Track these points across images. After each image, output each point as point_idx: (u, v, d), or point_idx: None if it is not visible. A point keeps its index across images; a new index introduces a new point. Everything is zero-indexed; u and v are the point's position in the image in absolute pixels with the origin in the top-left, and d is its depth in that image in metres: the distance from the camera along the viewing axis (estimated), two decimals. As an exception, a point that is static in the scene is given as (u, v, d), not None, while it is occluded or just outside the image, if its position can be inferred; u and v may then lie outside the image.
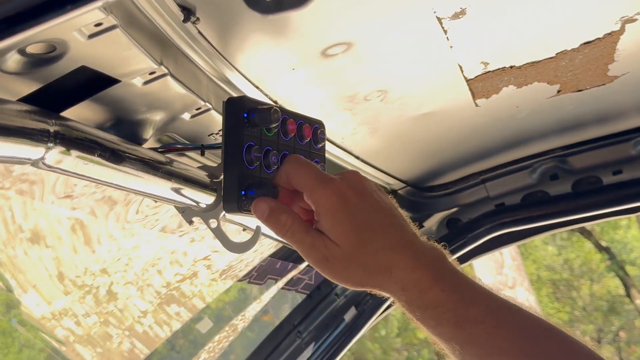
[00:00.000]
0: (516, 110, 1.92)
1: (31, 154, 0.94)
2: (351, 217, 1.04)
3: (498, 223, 2.28)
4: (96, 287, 3.79)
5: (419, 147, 2.04)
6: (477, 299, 1.03)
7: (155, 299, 3.44)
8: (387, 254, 1.02)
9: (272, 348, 2.45)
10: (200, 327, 2.68)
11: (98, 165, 1.10)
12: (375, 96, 1.65)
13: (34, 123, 0.94)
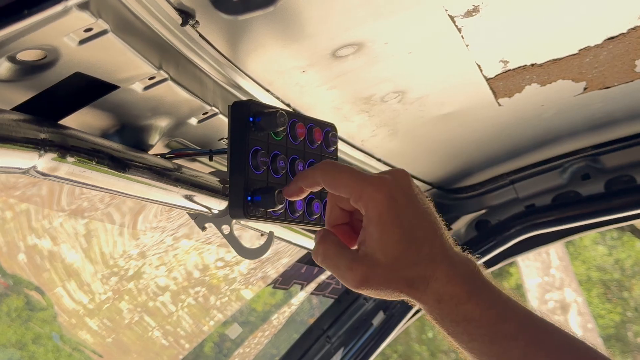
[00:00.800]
0: (542, 109, 1.87)
1: (22, 163, 0.93)
2: (399, 225, 0.98)
3: (529, 225, 2.23)
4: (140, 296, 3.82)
5: (443, 149, 2.00)
6: (511, 314, 0.99)
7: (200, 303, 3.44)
8: (427, 265, 0.98)
9: (302, 353, 2.43)
10: (230, 333, 2.68)
11: (97, 172, 1.09)
12: (392, 97, 1.61)
13: (24, 131, 0.93)
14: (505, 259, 2.34)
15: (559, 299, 11.76)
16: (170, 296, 3.66)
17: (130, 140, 1.23)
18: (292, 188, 1.13)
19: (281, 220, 1.29)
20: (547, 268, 11.80)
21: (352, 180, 1.02)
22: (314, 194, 1.34)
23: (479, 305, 0.97)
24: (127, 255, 3.23)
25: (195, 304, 3.55)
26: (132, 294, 3.92)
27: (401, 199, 1.00)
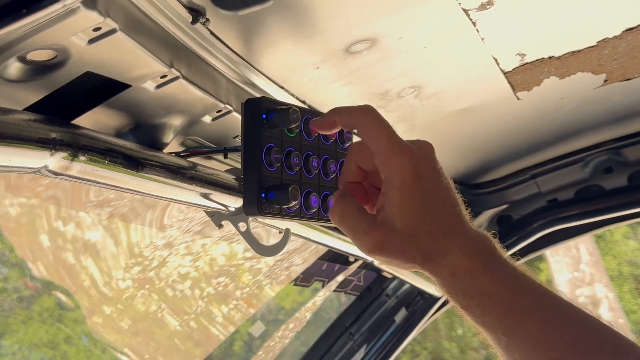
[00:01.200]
0: (562, 102, 1.86)
1: (33, 162, 0.94)
2: (421, 196, 0.96)
3: (551, 219, 2.21)
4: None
5: (463, 144, 1.98)
6: (526, 289, 0.98)
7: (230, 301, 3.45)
8: (444, 238, 0.97)
9: (325, 350, 2.43)
10: (254, 330, 2.69)
11: (111, 170, 1.09)
12: (409, 92, 1.61)
13: (35, 131, 0.94)
14: (529, 254, 2.32)
15: (590, 295, 11.65)
16: (198, 294, 3.67)
17: (145, 139, 1.24)
18: (325, 120, 1.06)
19: (296, 217, 1.29)
20: (577, 263, 11.70)
21: (386, 138, 0.99)
22: (328, 189, 1.34)
23: (494, 279, 0.96)
24: (154, 250, 3.25)
25: (223, 300, 3.56)
26: (159, 292, 3.94)
27: (426, 170, 0.98)
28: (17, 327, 16.47)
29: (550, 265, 13.27)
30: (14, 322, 16.48)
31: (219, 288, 3.49)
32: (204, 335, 4.12)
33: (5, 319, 16.21)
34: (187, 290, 3.66)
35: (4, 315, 16.06)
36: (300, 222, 1.54)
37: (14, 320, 16.41)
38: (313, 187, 1.31)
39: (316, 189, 1.32)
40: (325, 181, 1.34)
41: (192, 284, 3.59)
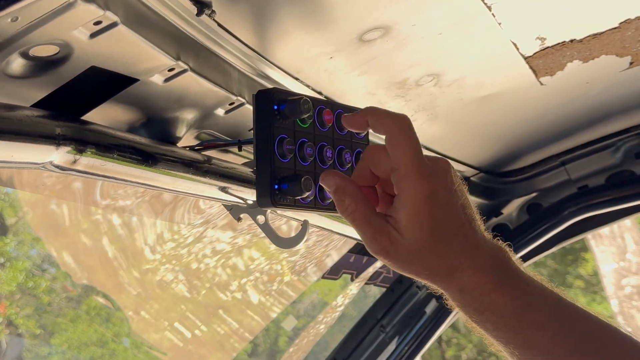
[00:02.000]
0: (587, 86, 1.82)
1: (37, 158, 0.95)
2: (433, 218, 0.96)
3: (582, 206, 2.17)
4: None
5: (488, 131, 1.96)
6: (539, 303, 0.97)
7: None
8: (454, 257, 0.96)
9: (357, 342, 2.43)
10: (286, 325, 2.69)
11: (121, 165, 1.10)
12: (427, 80, 1.59)
13: (40, 126, 0.95)
14: (560, 242, 2.29)
15: (636, 284, 11.47)
16: (234, 292, 3.69)
17: (158, 133, 1.24)
18: (356, 118, 1.05)
19: (311, 208, 1.28)
20: (623, 253, 11.52)
21: (410, 156, 0.97)
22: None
23: (504, 295, 0.95)
24: (195, 252, 3.27)
25: (265, 298, 3.57)
26: (198, 291, 3.97)
27: (441, 192, 0.96)
28: (66, 326, 16.79)
29: (595, 256, 13.09)
30: (62, 322, 16.79)
31: (260, 285, 3.50)
32: (246, 330, 4.14)
33: (55, 318, 16.54)
34: (225, 287, 3.68)
35: (53, 315, 16.39)
36: (315, 213, 1.54)
37: (62, 320, 16.73)
38: None
39: None
40: (341, 172, 1.33)
41: (236, 281, 3.60)
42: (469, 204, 1.00)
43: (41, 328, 17.66)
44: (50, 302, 17.18)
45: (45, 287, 16.18)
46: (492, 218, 2.25)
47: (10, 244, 15.58)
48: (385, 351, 2.38)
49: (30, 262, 16.56)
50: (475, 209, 1.01)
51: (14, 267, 15.55)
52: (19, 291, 16.20)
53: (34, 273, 16.43)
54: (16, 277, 15.17)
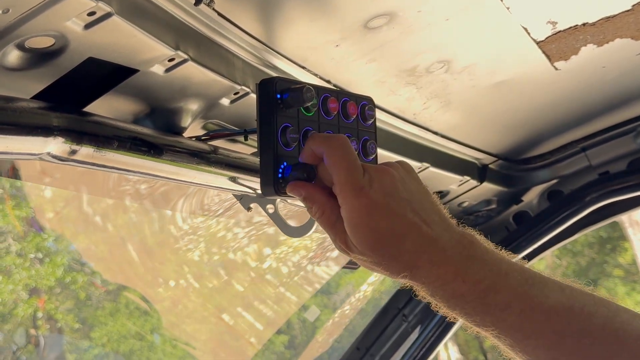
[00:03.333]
0: (603, 70, 1.80)
1: (35, 148, 0.96)
2: (371, 228, 1.02)
3: (604, 192, 2.14)
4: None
5: (505, 118, 1.94)
6: (503, 285, 1.01)
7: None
8: (407, 256, 1.02)
9: (379, 332, 2.43)
10: (309, 315, 2.69)
11: (121, 155, 1.11)
12: (438, 67, 1.58)
13: (38, 118, 0.96)
14: (582, 230, 2.26)
15: (676, 273, 11.32)
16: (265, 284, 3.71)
17: (162, 123, 1.25)
18: (305, 150, 1.13)
19: None
20: (661, 241, 11.35)
21: (344, 175, 1.05)
22: None
23: (466, 282, 1.00)
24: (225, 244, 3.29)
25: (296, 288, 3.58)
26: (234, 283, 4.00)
27: (380, 201, 1.02)
28: (105, 320, 16.97)
29: (633, 244, 12.92)
30: (102, 315, 16.96)
31: (297, 278, 3.51)
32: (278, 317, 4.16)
33: (94, 312, 16.69)
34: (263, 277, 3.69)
35: (92, 309, 16.52)
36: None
37: (102, 313, 16.89)
38: None
39: None
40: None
41: (272, 272, 3.62)
42: (424, 198, 1.06)
43: (80, 322, 17.88)
44: (89, 296, 17.40)
45: (83, 281, 16.40)
46: (512, 206, 2.23)
47: (48, 239, 15.79)
48: (408, 340, 2.38)
49: (70, 256, 16.78)
50: (434, 200, 1.07)
51: (53, 262, 15.76)
52: (58, 286, 16.43)
53: (72, 267, 16.64)
54: (55, 272, 15.39)
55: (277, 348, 21.01)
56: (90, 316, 17.17)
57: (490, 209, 2.24)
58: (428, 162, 1.88)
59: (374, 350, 2.41)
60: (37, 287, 14.99)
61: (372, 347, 2.41)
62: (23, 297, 14.83)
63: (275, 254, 3.36)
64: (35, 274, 14.71)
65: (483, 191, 2.14)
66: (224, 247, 3.47)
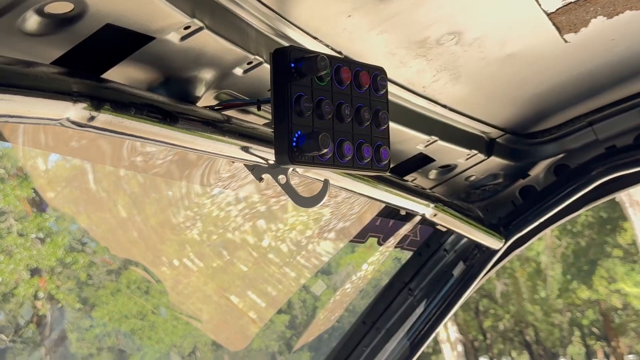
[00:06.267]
0: (612, 43, 1.80)
1: (55, 114, 0.97)
2: None
3: (610, 166, 2.15)
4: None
5: (513, 91, 1.94)
6: None
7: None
8: None
9: (385, 306, 2.44)
10: (315, 289, 2.71)
11: (139, 122, 1.11)
12: (449, 39, 1.58)
13: (58, 83, 0.97)
14: (588, 204, 2.27)
15: (676, 253, 11.37)
16: (268, 261, 3.72)
17: (176, 92, 1.26)
18: None
19: (330, 166, 1.29)
20: (662, 221, 11.39)
21: None
22: (362, 137, 1.34)
23: None
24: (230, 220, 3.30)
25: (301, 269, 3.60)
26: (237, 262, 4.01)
27: None
28: (106, 299, 17.05)
29: (633, 224, 12.95)
30: (103, 294, 17.04)
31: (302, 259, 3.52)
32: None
33: (95, 291, 16.78)
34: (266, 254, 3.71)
35: (94, 288, 16.61)
36: (334, 171, 1.54)
37: (103, 292, 16.97)
38: (346, 135, 1.31)
39: (350, 137, 1.32)
40: (360, 129, 1.34)
41: (273, 250, 3.63)
42: None
43: (82, 302, 17.84)
44: (90, 275, 17.36)
45: (84, 261, 16.36)
46: (519, 180, 2.24)
47: (49, 219, 15.76)
48: (413, 315, 2.39)
49: (71, 236, 16.74)
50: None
51: (54, 243, 15.73)
52: (59, 266, 16.39)
53: (73, 248, 16.60)
54: (56, 252, 15.37)
55: (278, 328, 21.08)
56: (91, 296, 17.26)
57: (497, 183, 2.25)
58: (436, 135, 1.89)
59: (380, 324, 2.43)
60: (38, 267, 15.05)
61: (377, 321, 2.43)
62: (24, 277, 14.88)
63: (274, 233, 3.37)
64: (37, 254, 14.76)
65: (490, 165, 2.15)
66: (225, 227, 3.48)
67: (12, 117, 0.90)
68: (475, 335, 32.80)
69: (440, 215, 2.04)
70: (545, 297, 26.96)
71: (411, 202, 1.93)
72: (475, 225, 2.19)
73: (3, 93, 0.88)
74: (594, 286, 25.15)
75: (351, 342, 2.43)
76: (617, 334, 31.76)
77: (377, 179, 1.73)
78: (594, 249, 24.10)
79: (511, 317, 29.27)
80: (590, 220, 23.77)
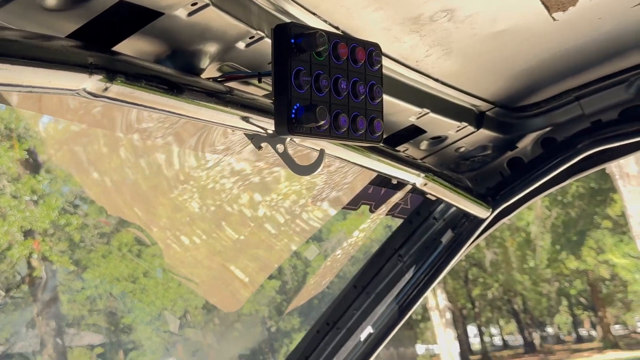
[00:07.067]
0: (599, 22, 1.87)
1: (73, 84, 1.04)
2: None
3: (595, 140, 2.23)
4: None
5: (503, 66, 2.01)
6: None
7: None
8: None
9: (375, 271, 2.53)
10: (308, 254, 2.80)
11: (148, 93, 1.18)
12: (442, 16, 1.65)
13: (75, 56, 1.04)
14: (573, 176, 2.35)
15: (663, 225, 11.49)
16: (262, 225, 3.79)
17: (182, 65, 1.33)
18: None
19: (326, 136, 1.37)
20: (651, 194, 11.50)
21: None
22: (357, 110, 1.42)
23: None
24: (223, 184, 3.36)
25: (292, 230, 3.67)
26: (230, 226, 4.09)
27: None
28: (98, 262, 17.12)
29: (622, 196, 13.08)
30: (95, 257, 17.11)
31: (288, 217, 3.59)
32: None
33: (87, 254, 16.86)
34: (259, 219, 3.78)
35: (86, 250, 16.68)
36: (331, 142, 1.62)
37: (95, 255, 17.04)
38: (342, 107, 1.39)
39: (345, 109, 1.39)
40: (355, 102, 1.42)
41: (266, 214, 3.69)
42: None
43: (74, 264, 17.90)
44: (82, 238, 17.39)
45: (77, 224, 16.39)
46: (507, 152, 2.32)
47: (43, 181, 15.76)
48: (402, 280, 2.48)
49: (63, 199, 16.74)
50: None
51: (47, 205, 15.76)
52: (52, 228, 16.42)
53: (66, 210, 16.61)
54: (49, 215, 15.40)
55: (269, 293, 21.18)
56: (83, 258, 17.35)
57: (486, 155, 2.32)
58: (428, 108, 1.96)
59: (370, 288, 2.51)
60: (32, 229, 15.14)
61: (368, 285, 2.51)
62: (18, 239, 14.97)
63: (267, 201, 3.44)
64: (30, 215, 14.84)
65: (479, 137, 2.22)
66: (220, 197, 3.55)
67: (35, 88, 0.97)
68: (464, 303, 33.14)
69: (431, 184, 2.12)
70: (534, 267, 27.24)
71: (402, 171, 2.01)
72: (464, 194, 2.27)
73: (27, 65, 0.95)
74: (583, 256, 25.41)
75: (342, 305, 2.52)
76: (604, 304, 32.12)
77: (370, 149, 1.81)
78: (584, 220, 24.32)
79: (500, 286, 29.59)
80: (580, 191, 23.94)
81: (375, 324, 2.46)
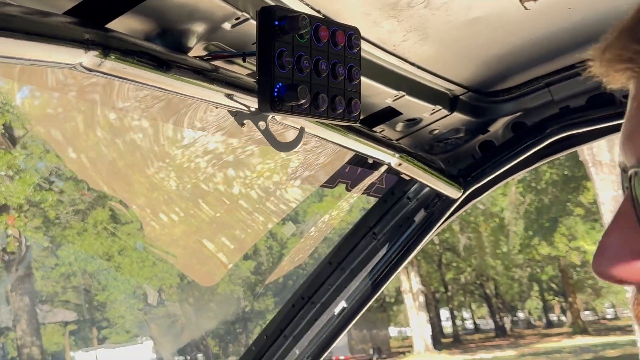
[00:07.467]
0: (569, 12, 1.95)
1: (70, 59, 1.10)
2: None
3: (563, 125, 2.32)
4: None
5: (477, 53, 2.10)
6: None
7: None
8: None
9: (350, 248, 2.61)
10: (285, 230, 2.88)
11: (138, 69, 1.25)
12: (419, 2, 1.72)
13: (72, 32, 1.10)
14: (541, 159, 2.44)
15: (633, 213, 11.65)
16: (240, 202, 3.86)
17: (171, 43, 1.40)
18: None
19: (306, 114, 1.45)
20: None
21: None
22: (337, 90, 1.49)
23: None
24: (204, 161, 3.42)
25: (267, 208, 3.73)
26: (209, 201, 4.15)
27: None
28: (72, 239, 17.13)
29: (595, 184, 13.27)
30: (69, 234, 17.13)
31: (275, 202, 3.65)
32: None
33: (62, 231, 16.89)
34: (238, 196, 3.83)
35: (61, 227, 16.72)
36: (310, 120, 1.69)
37: (70, 232, 17.06)
38: (322, 88, 1.47)
39: (325, 89, 1.47)
40: (334, 83, 1.49)
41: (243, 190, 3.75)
42: None
43: (49, 241, 17.87)
44: (57, 215, 17.34)
45: (52, 200, 16.37)
46: (479, 135, 2.40)
47: (19, 157, 15.72)
48: (376, 257, 2.56)
49: (39, 175, 16.68)
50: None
51: (23, 180, 15.68)
52: (27, 204, 16.36)
53: (41, 186, 16.58)
54: (25, 190, 15.34)
55: (243, 273, 21.19)
56: (58, 235, 17.30)
57: (459, 137, 2.41)
58: (404, 90, 2.04)
59: (345, 264, 2.60)
60: (7, 204, 15.11)
61: (343, 262, 2.60)
62: (-7, 214, 14.93)
63: (243, 180, 3.51)
64: (5, 190, 14.81)
65: (453, 120, 2.31)
66: (197, 175, 3.61)
67: (36, 61, 1.04)
68: (437, 287, 33.48)
69: (405, 165, 2.21)
70: (507, 252, 27.59)
71: (378, 151, 2.10)
72: (437, 175, 2.36)
73: (28, 40, 1.01)
74: (555, 243, 25.75)
75: (317, 280, 2.60)
76: (574, 290, 32.58)
77: (348, 128, 1.89)
78: (556, 207, 24.63)
79: (473, 270, 29.93)
80: (554, 178, 24.22)
81: (349, 298, 2.55)
